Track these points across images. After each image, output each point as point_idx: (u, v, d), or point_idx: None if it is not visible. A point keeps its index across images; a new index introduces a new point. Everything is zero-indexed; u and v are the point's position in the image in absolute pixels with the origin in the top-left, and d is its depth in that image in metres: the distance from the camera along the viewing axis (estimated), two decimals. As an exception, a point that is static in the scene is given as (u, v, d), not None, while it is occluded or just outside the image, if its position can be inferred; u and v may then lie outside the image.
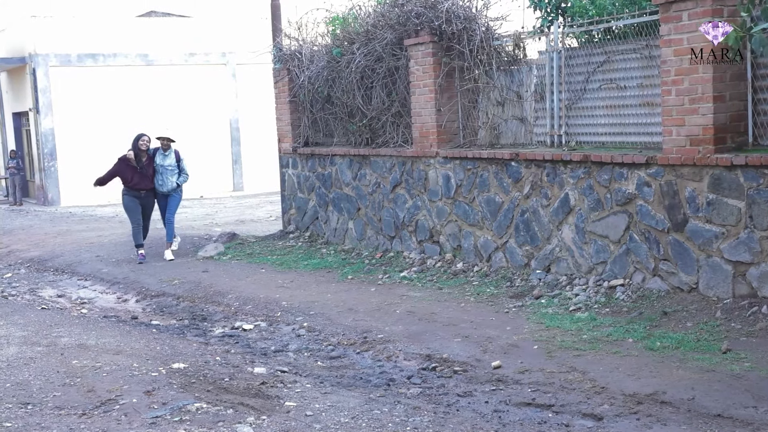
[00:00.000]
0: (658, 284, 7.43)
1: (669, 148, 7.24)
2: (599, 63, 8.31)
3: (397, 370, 6.22)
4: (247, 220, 16.25)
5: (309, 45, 12.25)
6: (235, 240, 12.90)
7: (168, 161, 11.99)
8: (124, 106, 22.36)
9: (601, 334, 6.67)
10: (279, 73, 12.90)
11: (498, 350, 6.51)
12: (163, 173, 11.95)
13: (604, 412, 5.01)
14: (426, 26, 9.80)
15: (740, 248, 6.74)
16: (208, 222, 16.26)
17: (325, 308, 8.34)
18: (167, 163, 11.98)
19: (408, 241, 10.55)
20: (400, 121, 10.74)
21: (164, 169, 11.95)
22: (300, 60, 12.17)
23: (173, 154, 12.05)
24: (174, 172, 12.00)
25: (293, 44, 12.53)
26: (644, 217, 7.51)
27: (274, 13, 13.94)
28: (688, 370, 5.65)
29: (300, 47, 12.32)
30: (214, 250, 12.16)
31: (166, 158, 12.00)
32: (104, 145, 21.29)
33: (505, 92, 9.48)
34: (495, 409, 5.20)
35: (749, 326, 6.33)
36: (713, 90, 6.83)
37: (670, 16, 7.06)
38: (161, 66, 23.09)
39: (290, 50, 12.50)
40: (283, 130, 13.11)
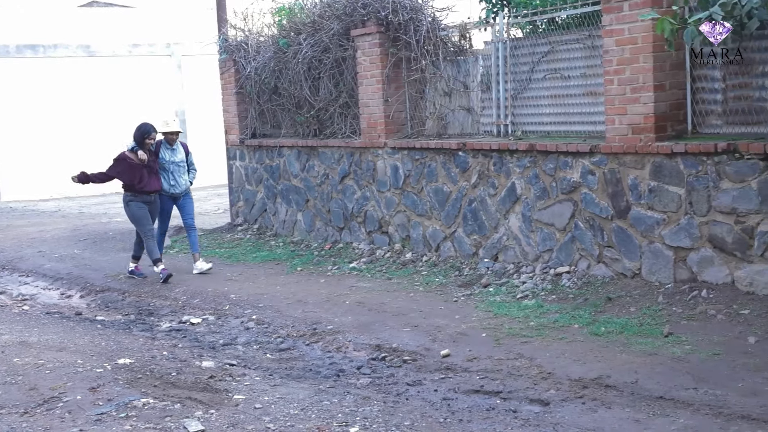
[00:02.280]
0: (603, 271, 7.56)
1: (612, 136, 7.36)
2: (543, 53, 8.39)
3: (346, 360, 6.22)
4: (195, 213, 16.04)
5: (255, 36, 12.15)
6: (182, 233, 12.72)
7: (178, 156, 10.09)
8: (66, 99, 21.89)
9: (548, 320, 6.76)
10: (225, 64, 12.76)
11: (447, 339, 6.55)
12: (175, 171, 10.03)
13: (550, 398, 5.08)
14: (373, 17, 9.79)
15: (681, 234, 6.88)
16: (155, 216, 16.02)
17: (274, 300, 8.30)
18: (178, 159, 10.08)
19: (357, 232, 10.55)
20: (348, 112, 10.72)
21: (175, 166, 10.04)
22: (246, 51, 12.07)
23: (181, 147, 10.20)
24: (185, 169, 10.20)
25: (239, 35, 12.43)
26: (589, 205, 7.63)
27: (220, 3, 13.77)
28: (631, 354, 5.76)
29: (246, 38, 12.22)
30: (161, 244, 11.98)
31: (175, 153, 10.08)
32: (45, 139, 20.84)
33: (452, 82, 9.52)
34: (444, 397, 5.24)
35: (690, 310, 6.47)
36: (654, 79, 6.95)
37: (611, 6, 7.16)
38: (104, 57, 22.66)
39: (236, 41, 12.40)
40: (230, 122, 12.99)
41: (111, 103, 22.24)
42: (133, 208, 9.73)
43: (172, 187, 10.03)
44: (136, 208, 9.72)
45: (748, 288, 6.45)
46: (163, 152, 9.97)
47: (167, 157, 9.97)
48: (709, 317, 6.29)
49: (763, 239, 6.32)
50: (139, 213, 9.72)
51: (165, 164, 9.94)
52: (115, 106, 22.27)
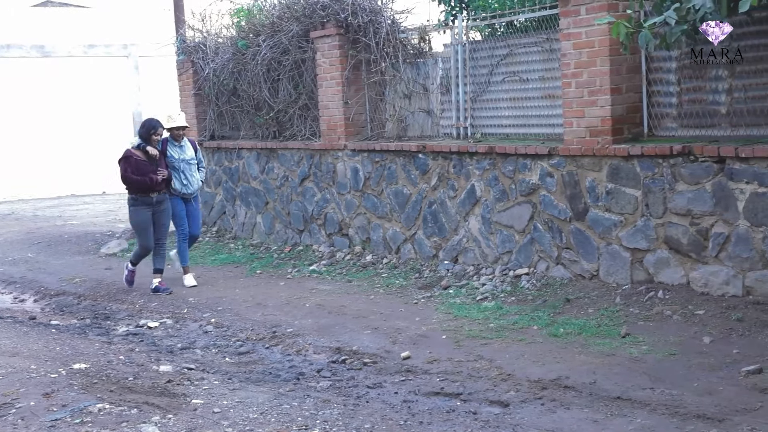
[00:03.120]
0: (561, 272, 7.62)
1: (570, 139, 7.42)
2: (502, 56, 8.44)
3: (306, 363, 6.18)
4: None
5: (214, 37, 12.06)
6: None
7: (188, 153, 9.32)
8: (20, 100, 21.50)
9: (508, 322, 6.79)
10: (183, 66, 12.64)
11: (407, 341, 6.55)
12: (186, 170, 9.24)
13: (510, 399, 5.10)
14: (332, 18, 9.77)
15: (637, 236, 6.97)
16: (111, 218, 15.82)
17: (233, 303, 8.23)
18: (188, 156, 9.31)
19: (317, 235, 10.51)
20: (307, 114, 10.69)
21: (186, 164, 9.25)
22: (204, 52, 11.97)
23: (189, 144, 9.46)
24: (195, 167, 9.44)
25: (197, 36, 12.32)
26: (547, 206, 7.69)
27: (177, 4, 13.64)
28: (589, 354, 5.81)
29: (204, 39, 12.12)
30: (117, 247, 11.84)
31: (184, 150, 9.32)
32: (-1, 141, 20.48)
33: (411, 85, 9.54)
34: (404, 400, 5.23)
35: (646, 311, 6.55)
36: (611, 82, 7.03)
37: (569, 10, 7.23)
38: (59, 58, 22.29)
39: (194, 42, 12.29)
40: (189, 124, 12.83)
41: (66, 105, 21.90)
42: (139, 213, 8.88)
43: (185, 187, 9.22)
44: (141, 213, 8.86)
45: (703, 289, 6.55)
46: (171, 150, 9.20)
47: (176, 155, 9.20)
48: (665, 318, 6.37)
49: (717, 240, 6.42)
50: (142, 218, 8.86)
51: (175, 163, 9.16)
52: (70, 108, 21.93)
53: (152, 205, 8.89)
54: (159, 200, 8.92)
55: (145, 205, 8.86)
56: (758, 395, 4.83)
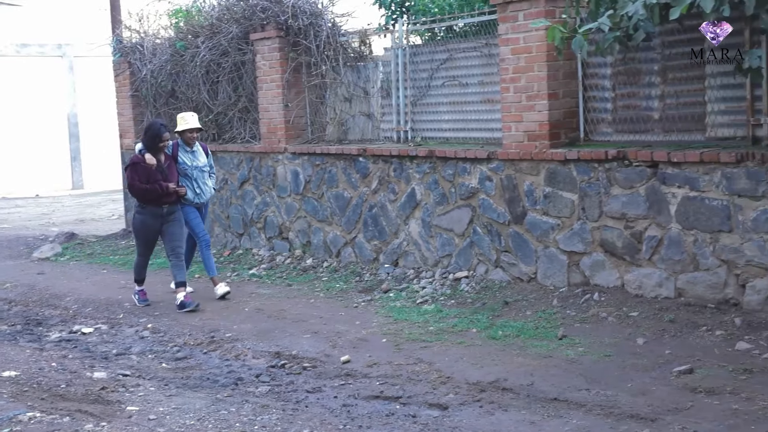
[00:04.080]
0: (500, 275, 7.69)
1: (508, 143, 7.50)
2: (442, 60, 8.50)
3: (245, 368, 6.12)
4: (88, 219, 15.57)
5: (151, 38, 11.87)
6: (74, 240, 12.34)
7: (201, 160, 8.51)
8: (-50, 100, 20.90)
9: (447, 325, 6.83)
10: (119, 67, 12.42)
11: (347, 345, 6.53)
12: (199, 178, 8.44)
13: (449, 402, 5.12)
14: (272, 21, 9.72)
15: (574, 239, 7.08)
16: (45, 222, 15.45)
17: (170, 308, 8.10)
18: (201, 163, 8.49)
19: (257, 238, 10.43)
20: (247, 116, 10.60)
21: (199, 171, 8.45)
22: (142, 53, 11.77)
23: (201, 149, 8.64)
24: (208, 174, 8.65)
25: (134, 36, 12.11)
26: (486, 210, 7.75)
27: (114, 4, 13.40)
28: (527, 357, 5.88)
29: (142, 40, 11.92)
30: (50, 251, 11.56)
31: (197, 156, 8.50)
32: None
33: (352, 88, 9.53)
34: (344, 404, 5.21)
35: (583, 313, 6.66)
36: (548, 88, 7.13)
37: (507, 15, 7.31)
38: (-10, 57, 21.74)
39: (131, 43, 12.08)
40: (125, 126, 12.64)
41: (-2, 105, 21.34)
42: (144, 221, 8.16)
43: (198, 196, 8.44)
44: (147, 221, 8.14)
45: (637, 291, 6.68)
46: (183, 156, 8.37)
47: (188, 161, 8.38)
48: (600, 320, 6.48)
49: (650, 243, 6.56)
50: (145, 230, 8.20)
51: (187, 170, 8.34)
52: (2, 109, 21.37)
53: (162, 217, 8.12)
54: (170, 211, 8.17)
55: (153, 216, 8.11)
56: (689, 395, 4.94)
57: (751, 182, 5.91)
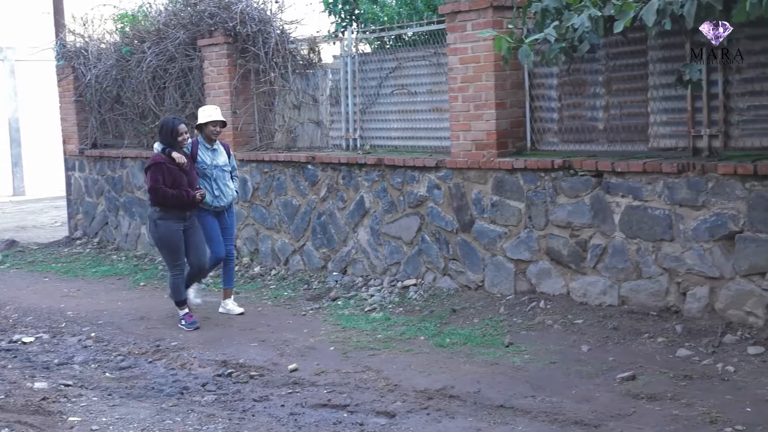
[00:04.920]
0: (448, 283, 7.73)
1: (457, 152, 7.56)
2: (391, 69, 8.53)
3: (191, 377, 6.04)
4: (29, 227, 15.20)
5: (96, 42, 11.69)
6: (15, 247, 12.06)
7: (221, 159, 7.70)
8: None
9: (395, 333, 6.84)
10: (63, 71, 12.20)
11: (295, 353, 6.50)
12: (219, 179, 7.63)
13: (396, 409, 5.12)
14: (220, 27, 9.65)
15: (521, 247, 7.15)
16: (-17, 229, 15.06)
17: (114, 317, 7.97)
18: (221, 162, 7.69)
19: (204, 246, 10.30)
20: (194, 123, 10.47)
21: (219, 171, 7.65)
22: (86, 58, 11.58)
23: (222, 148, 7.85)
24: (229, 175, 7.85)
25: (78, 41, 11.91)
26: (435, 218, 7.79)
27: (57, 7, 13.14)
28: (474, 364, 5.92)
29: (86, 44, 11.73)
30: (-10, 259, 11.28)
31: (217, 155, 7.69)
32: None
33: (301, 96, 9.51)
34: (291, 412, 5.18)
35: (529, 320, 6.73)
36: (495, 97, 7.21)
37: (455, 25, 7.38)
38: (-73, 60, 21.16)
39: (75, 47, 11.87)
40: (69, 131, 12.42)
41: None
42: (164, 231, 7.25)
43: (217, 200, 7.61)
44: (168, 230, 7.24)
45: (582, 298, 6.77)
46: (203, 154, 7.58)
47: (208, 160, 7.58)
48: (546, 327, 6.55)
49: (595, 252, 6.66)
50: (173, 237, 7.26)
51: (206, 170, 7.54)
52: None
53: (185, 221, 7.32)
54: (191, 216, 7.42)
55: (177, 221, 7.26)
56: (632, 401, 5.02)
57: (691, 192, 6.04)
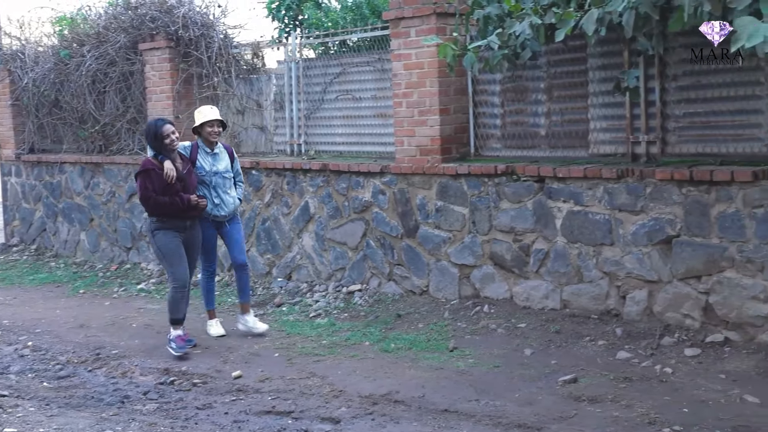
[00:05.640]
0: (393, 288, 7.75)
1: (401, 157, 7.59)
2: (336, 74, 8.53)
3: (132, 386, 5.94)
4: None
5: (33, 45, 11.46)
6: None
7: (222, 164, 7.01)
8: None
9: (340, 338, 6.82)
10: (-1, 74, 11.92)
11: (239, 360, 6.44)
12: (219, 186, 6.94)
13: (341, 415, 5.11)
14: (162, 31, 9.54)
15: (465, 252, 7.21)
16: None
17: (52, 325, 7.79)
18: (222, 168, 7.00)
19: (146, 252, 10.16)
20: (136, 127, 10.34)
21: (220, 178, 6.96)
22: (23, 61, 11.34)
23: (225, 151, 7.13)
24: (231, 182, 7.11)
25: (15, 44, 11.65)
26: (380, 224, 7.81)
27: (-7, 9, 12.87)
28: (419, 369, 5.94)
29: (23, 47, 11.48)
30: None
31: (218, 160, 7.00)
32: None
33: (245, 101, 9.45)
34: (235, 420, 5.13)
35: (473, 325, 6.78)
36: (439, 103, 7.26)
37: (399, 31, 7.41)
38: None
39: (11, 50, 11.61)
40: (5, 136, 12.13)
41: None
42: (163, 240, 6.59)
43: (217, 208, 6.94)
44: (167, 239, 6.59)
45: (525, 303, 6.85)
46: (202, 159, 6.91)
47: (206, 165, 6.91)
48: (490, 331, 6.61)
49: (537, 256, 6.74)
50: (172, 246, 6.60)
51: (204, 176, 6.88)
52: None
53: (185, 230, 6.69)
54: (192, 225, 6.79)
55: (176, 230, 6.64)
56: (573, 403, 5.10)
57: (630, 197, 6.16)
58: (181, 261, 6.65)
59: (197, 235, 6.85)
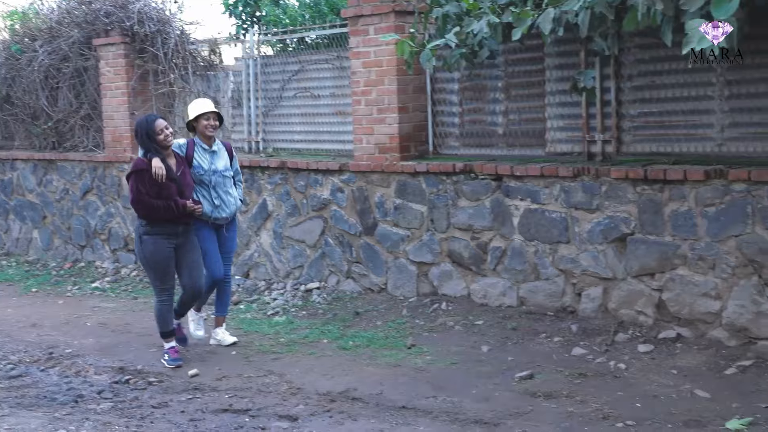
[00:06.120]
0: (352, 286, 7.75)
1: (360, 155, 7.59)
2: (294, 71, 8.50)
3: (86, 385, 5.85)
4: None
5: (-17, 40, 11.23)
6: None
7: (221, 163, 6.42)
8: None
9: (298, 336, 6.80)
10: (-52, 69, 11.64)
11: (196, 358, 6.38)
12: (219, 185, 6.37)
13: (299, 413, 5.10)
14: (117, 26, 9.42)
15: (423, 250, 7.23)
16: None
17: (4, 324, 7.65)
18: (221, 167, 6.42)
19: (101, 250, 10.03)
20: (90, 124, 10.20)
21: (219, 177, 6.38)
22: (-27, 55, 11.10)
23: (224, 148, 6.55)
24: (231, 182, 6.53)
25: (-36, 37, 11.41)
26: (338, 221, 7.80)
27: (-58, 2, 12.59)
28: (377, 366, 5.94)
29: (-28, 41, 11.24)
30: None
31: (217, 158, 6.42)
32: None
33: (202, 97, 9.35)
34: (191, 418, 5.08)
35: (431, 322, 6.81)
36: (398, 101, 7.27)
37: (358, 29, 7.41)
38: None
39: (-39, 44, 11.36)
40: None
41: None
42: (151, 248, 6.01)
43: (217, 210, 6.34)
44: (156, 247, 6.00)
45: (482, 300, 6.90)
46: (200, 157, 6.33)
47: (205, 164, 6.33)
48: (448, 328, 6.64)
49: (495, 254, 6.79)
50: (161, 256, 6.03)
51: (203, 176, 6.30)
52: None
53: (177, 237, 6.10)
54: (185, 231, 6.18)
55: (168, 237, 6.05)
56: (529, 399, 5.15)
57: (586, 195, 6.24)
58: (167, 272, 6.10)
59: (192, 239, 6.22)
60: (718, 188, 5.60)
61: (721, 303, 5.66)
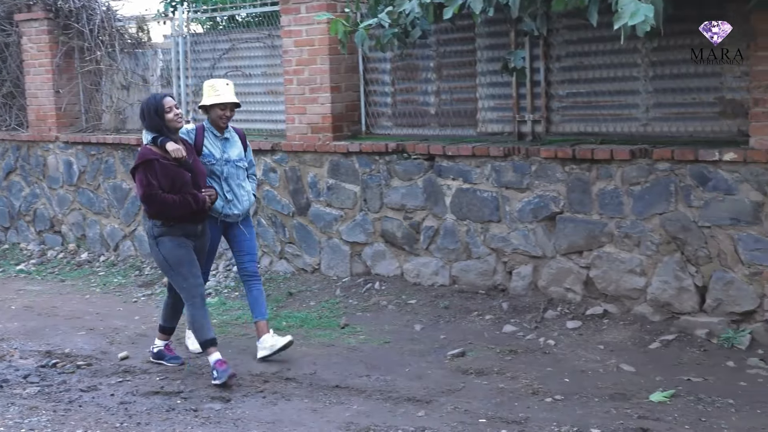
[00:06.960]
0: (285, 267, 7.72)
1: (292, 135, 7.54)
2: (225, 50, 8.37)
3: (11, 370, 5.71)
4: None
5: None
6: None
7: (234, 152, 5.74)
8: None
9: (231, 317, 6.76)
10: None
11: (126, 341, 6.29)
12: (231, 177, 5.68)
13: (232, 394, 5.07)
14: (40, 1, 9.14)
15: (356, 230, 7.24)
16: None
17: (-77, 310, 7.41)
18: (235, 156, 5.73)
19: (25, 232, 9.77)
20: (13, 102, 9.91)
21: (231, 168, 5.69)
22: None
23: (237, 136, 5.85)
24: (245, 173, 5.84)
25: None
26: (271, 202, 7.74)
27: None
28: (311, 346, 5.95)
29: None
30: None
31: (229, 146, 5.74)
32: None
33: (130, 76, 9.17)
34: (121, 401, 5.01)
35: (364, 302, 6.83)
36: (330, 81, 7.24)
37: (290, 7, 7.33)
38: None
39: None
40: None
41: None
42: (169, 245, 5.27)
43: (229, 205, 5.66)
44: (174, 243, 5.27)
45: (415, 279, 6.95)
46: (211, 145, 5.64)
47: (217, 152, 5.64)
48: (381, 308, 6.68)
49: (427, 234, 6.84)
50: (181, 252, 5.28)
51: (214, 166, 5.61)
52: None
53: (196, 237, 5.41)
54: (203, 231, 5.50)
55: (186, 236, 5.34)
56: (461, 376, 5.22)
57: (516, 175, 6.33)
58: (192, 270, 5.30)
59: (207, 241, 5.57)
60: (643, 167, 5.74)
61: (646, 279, 5.82)
